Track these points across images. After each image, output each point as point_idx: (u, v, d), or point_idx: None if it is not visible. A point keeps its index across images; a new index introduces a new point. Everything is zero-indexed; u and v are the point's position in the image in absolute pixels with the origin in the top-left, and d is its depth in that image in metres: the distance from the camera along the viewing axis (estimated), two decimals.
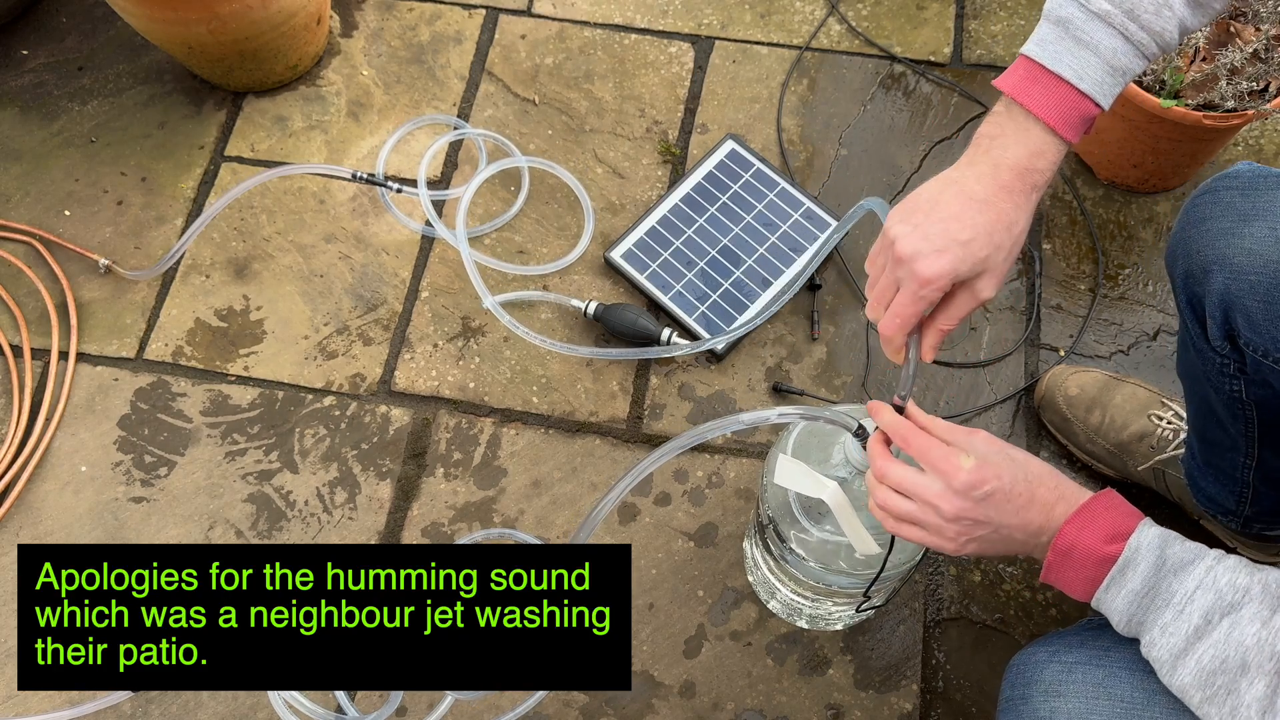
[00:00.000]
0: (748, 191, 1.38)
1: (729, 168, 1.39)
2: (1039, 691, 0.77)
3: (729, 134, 1.42)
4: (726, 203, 1.37)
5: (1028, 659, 0.80)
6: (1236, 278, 0.82)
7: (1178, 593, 0.68)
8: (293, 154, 1.45)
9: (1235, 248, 0.82)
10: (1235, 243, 0.83)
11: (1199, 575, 0.68)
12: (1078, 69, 0.76)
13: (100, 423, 1.27)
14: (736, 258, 1.34)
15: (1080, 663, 0.76)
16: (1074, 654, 0.77)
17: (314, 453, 1.26)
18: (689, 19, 1.55)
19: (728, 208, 1.37)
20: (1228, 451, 1.00)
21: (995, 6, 1.56)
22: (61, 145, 1.46)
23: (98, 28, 1.55)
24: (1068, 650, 0.78)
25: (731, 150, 1.40)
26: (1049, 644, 0.80)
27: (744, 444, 1.26)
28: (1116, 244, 1.38)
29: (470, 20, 1.55)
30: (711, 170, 1.39)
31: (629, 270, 1.33)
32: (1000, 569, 1.19)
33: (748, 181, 1.39)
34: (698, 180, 1.39)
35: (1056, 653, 0.78)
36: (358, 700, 1.13)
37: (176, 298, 1.35)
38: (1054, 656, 0.78)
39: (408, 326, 1.33)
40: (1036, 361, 1.31)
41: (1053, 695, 0.76)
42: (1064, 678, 0.76)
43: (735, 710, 1.12)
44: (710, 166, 1.39)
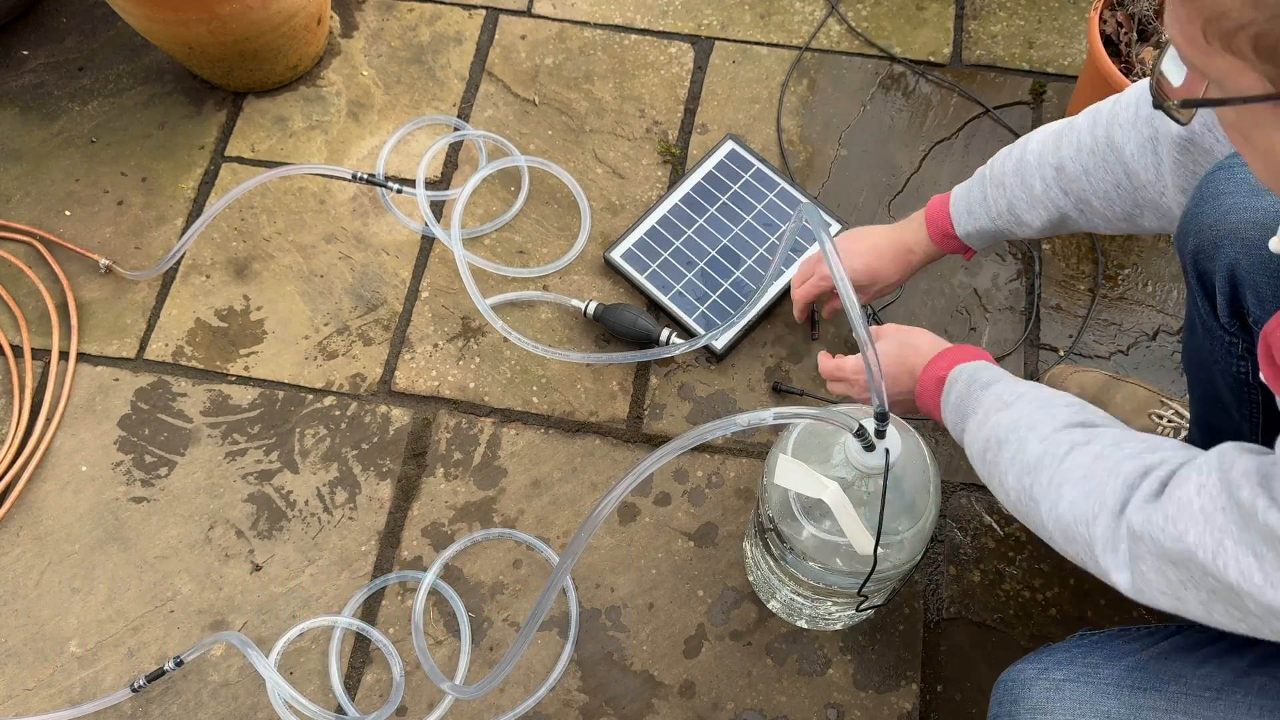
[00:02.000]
0: (748, 192, 1.38)
1: (729, 168, 1.39)
2: (1026, 709, 0.77)
3: (729, 134, 1.42)
4: (726, 203, 1.37)
5: (1016, 676, 0.80)
6: (1247, 251, 0.82)
7: (982, 403, 0.87)
8: (293, 154, 1.46)
9: (1247, 221, 0.81)
10: (1247, 216, 0.82)
11: (999, 389, 0.86)
12: (961, 222, 1.06)
13: (100, 423, 1.28)
14: (736, 258, 1.34)
15: (1068, 680, 0.77)
16: (1062, 671, 0.78)
17: (314, 453, 1.26)
18: (689, 19, 1.55)
19: (728, 208, 1.37)
20: (1232, 439, 1.00)
21: (995, 7, 1.56)
22: (62, 145, 1.46)
23: (98, 28, 1.55)
24: (1056, 667, 0.78)
25: (731, 150, 1.40)
26: (1038, 661, 0.80)
27: (744, 444, 1.26)
28: (1116, 244, 1.38)
29: (470, 20, 1.55)
30: (711, 170, 1.39)
31: (629, 270, 1.33)
32: (1000, 569, 1.19)
33: (747, 182, 1.39)
34: (697, 180, 1.39)
35: (1045, 670, 0.78)
36: (358, 700, 1.13)
37: (177, 298, 1.36)
38: (1042, 674, 0.78)
39: (408, 326, 1.34)
40: (1036, 361, 1.31)
41: (1040, 712, 0.76)
42: (1051, 695, 0.76)
43: (735, 710, 1.12)
44: (710, 167, 1.39)
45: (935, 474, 0.94)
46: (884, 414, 0.83)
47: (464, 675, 1.14)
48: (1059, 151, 0.95)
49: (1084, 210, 0.96)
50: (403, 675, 1.13)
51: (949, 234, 1.07)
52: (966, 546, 1.20)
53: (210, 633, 1.16)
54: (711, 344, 1.28)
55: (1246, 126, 0.56)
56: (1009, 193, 1.00)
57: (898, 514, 0.91)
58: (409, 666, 1.14)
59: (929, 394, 0.95)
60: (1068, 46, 1.52)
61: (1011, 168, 1.00)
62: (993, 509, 1.22)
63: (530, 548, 1.20)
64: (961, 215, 1.06)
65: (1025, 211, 1.00)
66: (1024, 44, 1.52)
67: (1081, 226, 0.99)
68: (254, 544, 1.21)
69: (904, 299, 1.34)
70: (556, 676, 1.13)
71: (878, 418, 0.83)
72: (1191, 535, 0.64)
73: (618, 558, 1.20)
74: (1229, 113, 0.57)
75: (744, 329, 1.29)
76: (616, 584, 1.18)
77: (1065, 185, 0.95)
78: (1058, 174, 0.95)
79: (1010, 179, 1.00)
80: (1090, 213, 0.96)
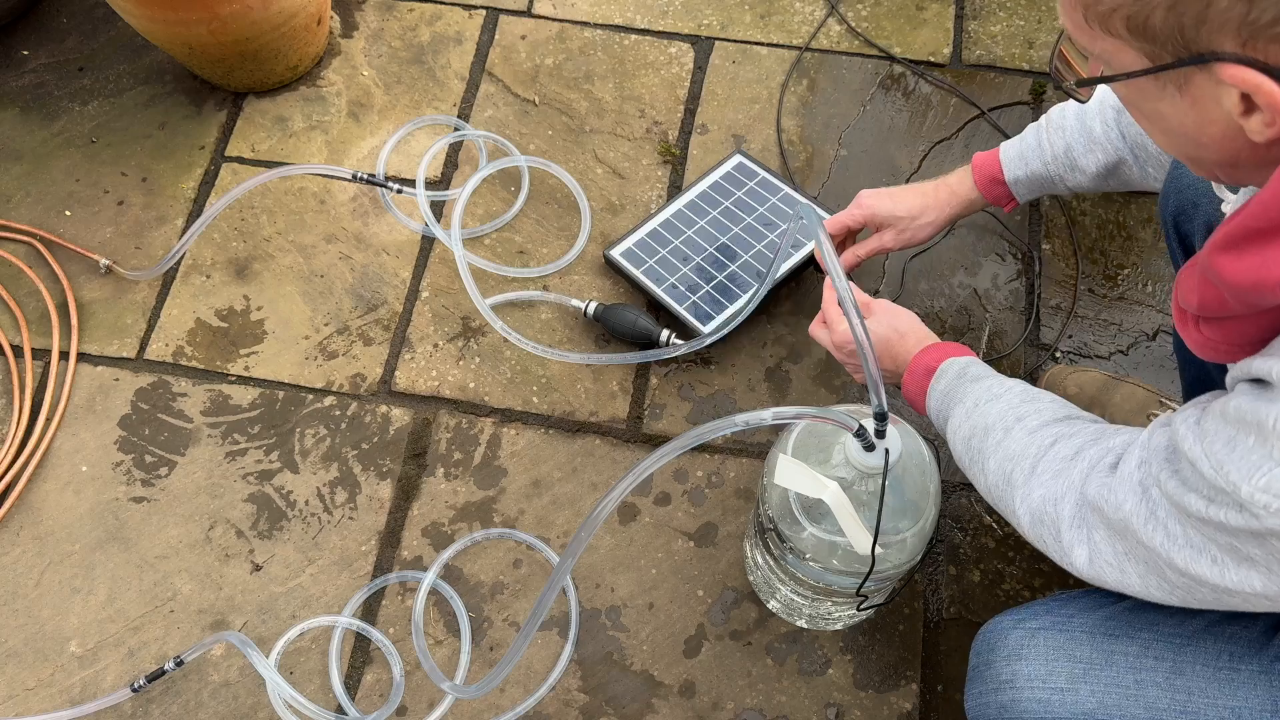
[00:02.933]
0: (751, 197, 1.38)
1: (736, 178, 1.39)
2: (1002, 656, 0.80)
3: (737, 149, 1.42)
4: (729, 207, 1.37)
5: (993, 627, 0.84)
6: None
7: (970, 394, 0.89)
8: (293, 154, 1.46)
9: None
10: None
11: (987, 383, 0.89)
12: (1011, 166, 1.09)
13: (101, 423, 1.28)
14: (733, 253, 1.34)
15: (1043, 628, 0.80)
16: (1038, 620, 0.81)
17: (314, 453, 1.26)
18: (689, 19, 1.55)
19: (730, 211, 1.37)
20: None
21: (995, 7, 1.56)
22: (62, 145, 1.46)
23: (98, 28, 1.55)
24: (1032, 617, 0.81)
25: (739, 164, 1.40)
26: (1015, 613, 0.83)
27: (744, 444, 1.26)
28: (1116, 244, 1.38)
29: (470, 21, 1.55)
30: (718, 180, 1.39)
31: (626, 266, 1.33)
32: (1000, 569, 1.19)
33: (751, 189, 1.38)
34: (703, 189, 1.38)
35: (1021, 620, 0.82)
36: (358, 700, 1.13)
37: (177, 298, 1.36)
38: (1018, 623, 0.81)
39: (408, 326, 1.34)
40: (1036, 361, 1.31)
41: (1014, 659, 0.79)
42: (1026, 642, 0.80)
43: (735, 710, 1.12)
44: (717, 177, 1.39)
45: (936, 474, 0.94)
46: (883, 414, 0.83)
47: (464, 675, 1.14)
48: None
49: (1138, 155, 0.98)
50: (403, 675, 1.13)
51: (996, 179, 1.09)
52: (966, 546, 1.20)
53: (210, 633, 1.16)
54: (699, 328, 1.27)
55: (1136, 99, 0.63)
56: (1068, 135, 1.02)
57: (898, 514, 0.91)
58: (409, 666, 1.14)
59: (916, 381, 0.98)
60: None
61: (1073, 110, 1.02)
62: (992, 509, 1.22)
63: (530, 548, 1.20)
64: (1013, 160, 1.07)
65: (1082, 155, 1.02)
66: (1024, 44, 1.52)
67: (1133, 177, 1.01)
68: (254, 544, 1.21)
69: (904, 300, 1.34)
70: (556, 676, 1.13)
71: (877, 418, 0.83)
72: (1128, 504, 0.69)
73: (618, 558, 1.20)
74: (1120, 89, 0.63)
75: (732, 315, 1.27)
76: (616, 584, 1.18)
77: (1125, 128, 0.98)
78: (1118, 115, 0.98)
79: (1070, 121, 1.02)
80: (1144, 158, 0.98)
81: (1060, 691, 0.77)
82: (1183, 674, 0.75)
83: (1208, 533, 0.64)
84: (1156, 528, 0.67)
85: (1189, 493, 0.64)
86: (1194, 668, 0.75)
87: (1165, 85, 0.58)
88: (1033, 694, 0.77)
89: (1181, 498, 0.64)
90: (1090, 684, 0.76)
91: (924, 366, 0.97)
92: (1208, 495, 0.62)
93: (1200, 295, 0.62)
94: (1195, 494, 0.63)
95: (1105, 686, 0.76)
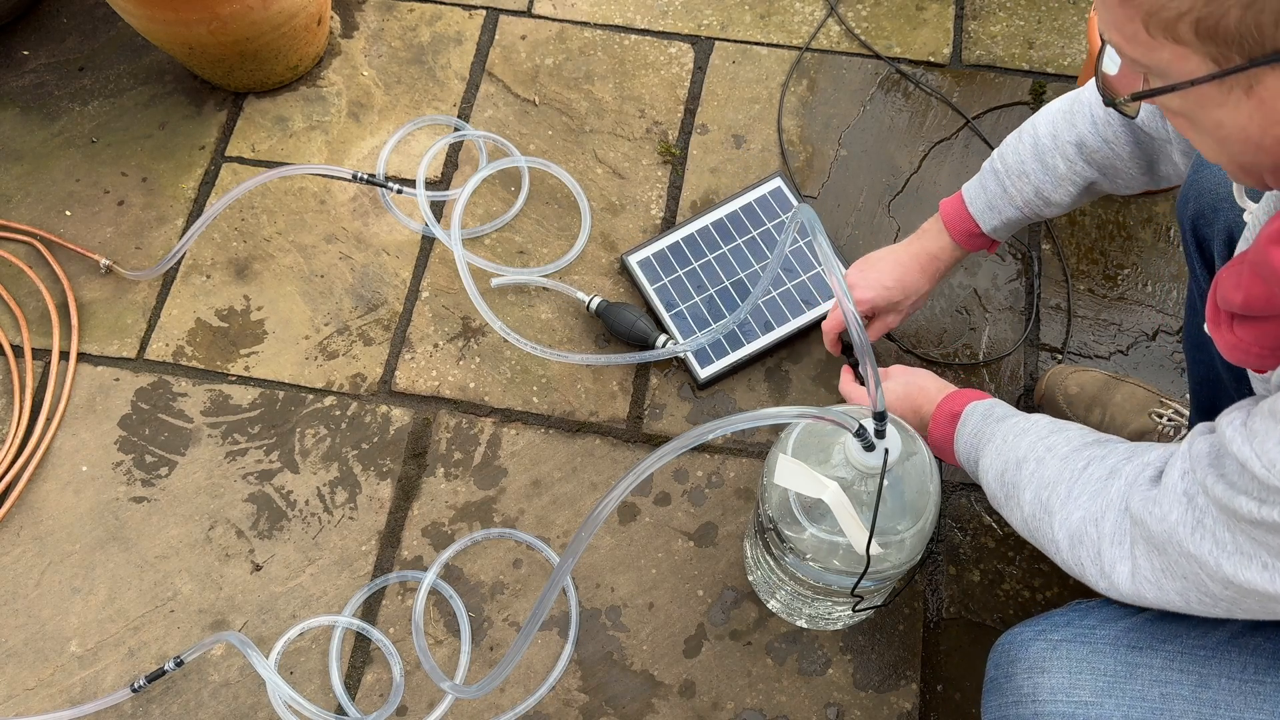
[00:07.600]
0: (780, 231, 1.35)
1: (769, 204, 1.37)
2: (1023, 668, 0.79)
3: (778, 171, 1.40)
4: (756, 239, 1.35)
5: (1013, 638, 0.82)
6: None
7: (998, 433, 0.90)
8: (293, 154, 1.46)
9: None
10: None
11: (1014, 421, 0.90)
12: (984, 218, 1.07)
13: (101, 423, 1.28)
14: (748, 293, 1.32)
15: (1065, 640, 0.78)
16: (1060, 632, 0.79)
17: (314, 452, 1.26)
18: (689, 20, 1.55)
19: (755, 243, 1.35)
20: None
21: (995, 7, 1.56)
22: (62, 145, 1.46)
23: (98, 28, 1.55)
24: (1054, 629, 0.80)
25: (776, 188, 1.38)
26: (1035, 624, 0.82)
27: (744, 444, 1.26)
28: (1116, 244, 1.38)
29: (470, 21, 1.56)
30: (751, 203, 1.37)
31: (640, 277, 1.33)
32: (1000, 569, 1.19)
33: (782, 222, 1.36)
34: (734, 209, 1.37)
35: (1042, 631, 0.80)
36: (358, 700, 1.13)
37: (177, 298, 1.36)
38: (1040, 635, 0.80)
39: (408, 326, 1.34)
40: (1036, 361, 1.31)
41: (1036, 671, 0.78)
42: (1048, 654, 0.78)
43: (735, 710, 1.12)
44: (751, 199, 1.37)
45: (936, 474, 0.94)
46: (883, 414, 0.83)
47: (464, 675, 1.14)
48: (1075, 129, 0.98)
49: (1110, 174, 0.99)
50: (403, 675, 1.13)
51: (974, 233, 1.09)
52: (966, 546, 1.20)
53: (210, 632, 1.16)
54: (695, 372, 1.27)
55: (1192, 109, 0.59)
56: (1034, 180, 1.02)
57: (898, 514, 0.91)
58: (409, 666, 1.14)
59: (941, 428, 0.98)
60: (1067, 46, 1.52)
61: (1029, 154, 1.01)
62: (992, 509, 1.22)
63: (530, 548, 1.20)
64: (984, 213, 1.07)
65: (1053, 192, 1.02)
66: (1024, 44, 1.52)
67: (1107, 189, 1.02)
68: (254, 544, 1.21)
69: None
70: (556, 676, 1.13)
71: (876, 418, 0.83)
72: (1174, 515, 0.68)
73: (618, 558, 1.20)
74: (1174, 99, 0.59)
75: (730, 365, 1.28)
76: (616, 584, 1.18)
77: (1089, 157, 0.98)
78: (1079, 149, 0.98)
79: (1030, 165, 1.01)
80: (1114, 175, 0.99)
81: (1085, 705, 0.75)
82: (1208, 687, 0.74)
83: (1258, 536, 0.63)
84: (1204, 536, 0.66)
85: (1238, 495, 0.63)
86: (1219, 680, 0.74)
87: (1231, 89, 0.55)
88: (1056, 708, 0.76)
89: (1231, 501, 0.63)
90: (1115, 698, 0.75)
91: (948, 413, 0.98)
92: (1259, 496, 0.61)
93: (1246, 291, 0.60)
94: (1245, 496, 0.62)
95: (1131, 700, 0.74)
